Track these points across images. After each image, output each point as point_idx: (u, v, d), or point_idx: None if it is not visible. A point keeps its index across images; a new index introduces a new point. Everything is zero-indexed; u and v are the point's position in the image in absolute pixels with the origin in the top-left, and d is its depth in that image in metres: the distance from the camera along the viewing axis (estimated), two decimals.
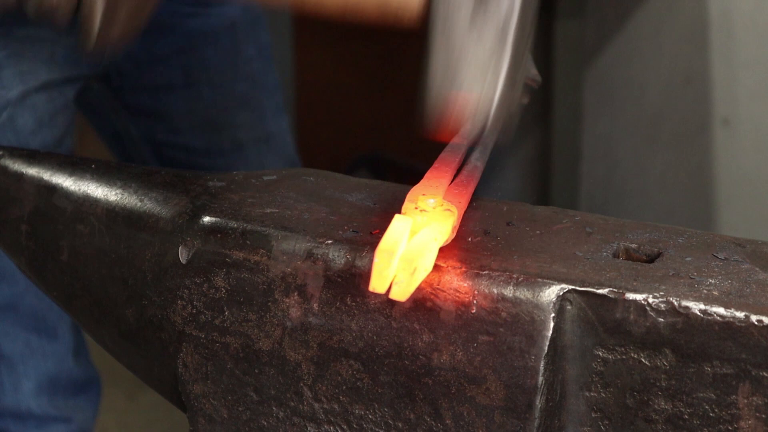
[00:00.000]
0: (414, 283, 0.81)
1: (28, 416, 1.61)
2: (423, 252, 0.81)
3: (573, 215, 0.96)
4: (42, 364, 1.60)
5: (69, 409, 1.65)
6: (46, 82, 1.41)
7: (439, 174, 0.93)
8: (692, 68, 2.69)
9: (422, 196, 0.88)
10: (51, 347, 1.61)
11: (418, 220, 0.85)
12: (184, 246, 0.95)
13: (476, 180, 0.96)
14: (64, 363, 1.63)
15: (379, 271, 0.80)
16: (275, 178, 1.04)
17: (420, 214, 0.86)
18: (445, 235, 0.85)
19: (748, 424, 0.80)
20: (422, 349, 0.85)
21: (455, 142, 1.00)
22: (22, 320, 1.57)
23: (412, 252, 0.81)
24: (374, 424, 0.87)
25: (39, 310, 1.57)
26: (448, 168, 0.95)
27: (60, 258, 1.04)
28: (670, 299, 0.81)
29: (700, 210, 2.77)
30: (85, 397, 1.68)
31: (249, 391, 0.92)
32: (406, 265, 0.80)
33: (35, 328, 1.58)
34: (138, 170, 1.07)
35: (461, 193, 0.92)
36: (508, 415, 0.83)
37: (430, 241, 0.82)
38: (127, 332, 1.00)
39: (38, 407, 1.61)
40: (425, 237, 0.83)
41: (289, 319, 0.89)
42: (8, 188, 1.08)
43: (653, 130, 2.83)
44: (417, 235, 0.83)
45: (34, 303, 1.55)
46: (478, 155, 0.99)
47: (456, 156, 0.97)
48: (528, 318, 0.83)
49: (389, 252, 0.80)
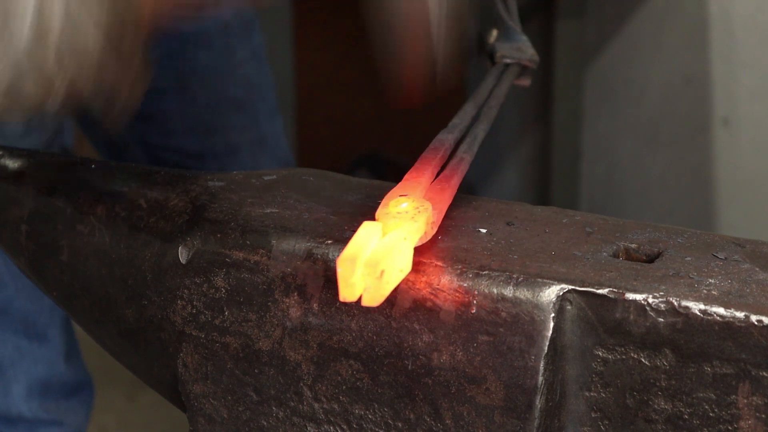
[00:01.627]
0: (386, 287, 0.80)
1: (18, 420, 1.61)
2: (390, 254, 0.80)
3: (573, 215, 0.96)
4: (32, 367, 1.60)
5: (60, 412, 1.65)
6: None
7: (417, 174, 0.91)
8: (692, 68, 2.69)
9: (395, 199, 0.87)
10: (41, 351, 1.61)
11: (389, 223, 0.83)
12: (184, 246, 0.95)
13: (462, 173, 0.94)
14: (55, 366, 1.63)
15: (344, 279, 0.78)
16: (275, 178, 1.04)
17: (394, 216, 0.85)
18: (418, 232, 0.84)
19: (748, 424, 0.80)
20: (422, 349, 0.85)
21: (440, 138, 0.98)
22: (12, 324, 1.57)
23: (377, 256, 0.79)
24: (374, 424, 0.88)
25: (29, 314, 1.57)
26: (429, 166, 0.93)
27: (60, 258, 1.04)
28: (670, 299, 0.81)
29: (700, 210, 2.77)
30: (77, 400, 1.68)
31: (249, 391, 0.92)
32: (369, 270, 0.78)
33: (25, 332, 1.58)
34: (138, 170, 1.07)
35: (443, 188, 0.91)
36: (508, 415, 0.83)
37: (398, 241, 0.81)
38: (127, 332, 1.00)
39: (29, 411, 1.61)
40: (393, 238, 0.81)
41: (289, 319, 0.89)
42: (8, 188, 1.08)
43: (653, 130, 2.83)
44: (384, 237, 0.82)
45: (24, 307, 1.55)
46: (466, 147, 0.98)
47: (439, 152, 0.95)
48: (528, 318, 0.83)
49: (351, 259, 0.78)
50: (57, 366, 1.63)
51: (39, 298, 1.60)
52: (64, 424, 1.66)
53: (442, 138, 0.98)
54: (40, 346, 1.60)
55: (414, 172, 0.92)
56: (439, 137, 0.98)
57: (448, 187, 0.92)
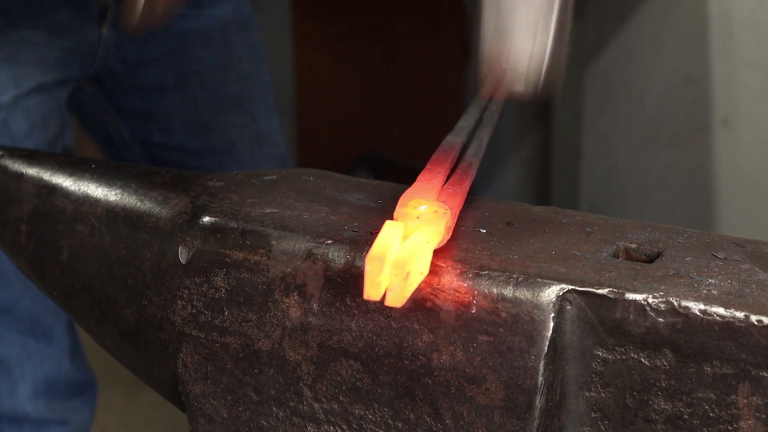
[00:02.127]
0: (409, 288, 0.80)
1: (24, 420, 1.61)
2: (415, 256, 0.81)
3: (573, 215, 0.96)
4: (38, 367, 1.60)
5: (65, 411, 1.65)
6: (38, 84, 1.41)
7: (431, 175, 0.93)
8: (692, 68, 2.69)
9: (414, 200, 0.87)
10: (47, 350, 1.61)
11: (410, 224, 0.84)
12: (183, 246, 0.95)
13: (471, 178, 0.95)
14: (61, 366, 1.63)
15: (371, 278, 0.79)
16: (275, 178, 1.04)
17: (412, 218, 0.85)
18: (438, 237, 0.85)
19: (747, 424, 0.80)
20: (422, 349, 0.85)
21: (449, 140, 1.00)
22: (18, 324, 1.57)
23: (404, 256, 0.80)
24: (374, 424, 0.87)
25: (35, 314, 1.57)
26: (441, 168, 0.94)
27: (60, 258, 1.04)
28: (669, 299, 0.81)
29: (700, 210, 2.77)
30: (81, 399, 1.68)
31: (249, 391, 0.92)
32: (397, 270, 0.79)
33: (31, 331, 1.58)
34: (138, 170, 1.07)
35: (456, 193, 0.92)
36: (508, 415, 0.83)
37: (422, 244, 0.82)
38: (127, 332, 1.00)
39: (35, 410, 1.61)
40: (417, 240, 0.82)
41: (289, 319, 0.89)
42: (8, 188, 1.08)
43: (653, 130, 2.83)
44: (408, 239, 0.82)
45: (30, 306, 1.55)
46: (473, 152, 0.99)
47: (449, 155, 0.97)
48: (528, 318, 0.83)
49: (379, 258, 0.79)
50: (62, 365, 1.63)
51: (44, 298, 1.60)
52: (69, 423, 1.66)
53: (450, 141, 0.99)
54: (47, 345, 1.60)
55: (427, 173, 0.93)
56: (448, 140, 0.99)
57: (461, 191, 0.93)
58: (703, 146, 2.73)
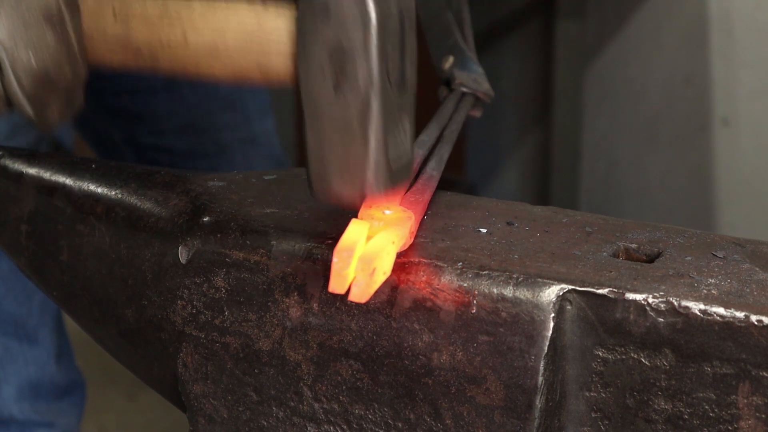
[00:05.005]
0: (373, 285, 0.80)
1: (9, 421, 1.61)
2: (381, 254, 0.81)
3: (573, 215, 0.96)
4: (23, 369, 1.60)
5: (52, 413, 1.65)
6: None
7: None
8: (692, 68, 2.69)
9: (377, 204, 0.87)
10: (32, 352, 1.60)
11: (375, 226, 0.85)
12: (184, 246, 0.95)
13: (432, 189, 0.96)
14: (46, 368, 1.62)
15: (338, 270, 0.79)
16: (275, 178, 1.04)
17: (380, 219, 0.85)
18: (402, 239, 0.85)
19: (748, 424, 0.80)
20: (422, 349, 0.85)
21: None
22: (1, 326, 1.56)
23: (371, 253, 0.80)
24: (374, 424, 0.88)
25: (18, 316, 1.57)
26: None
27: (60, 258, 1.04)
28: (670, 299, 0.81)
29: (700, 210, 2.77)
30: (68, 401, 1.67)
31: (249, 391, 0.92)
32: (364, 265, 0.80)
33: (14, 333, 1.58)
34: (138, 170, 1.07)
35: (417, 201, 0.93)
36: (508, 415, 0.83)
37: (387, 243, 0.82)
38: (127, 332, 1.00)
39: (20, 412, 1.61)
40: (383, 239, 0.82)
41: (289, 319, 0.89)
42: (8, 188, 1.08)
43: (653, 130, 2.83)
44: (375, 238, 0.83)
45: (13, 308, 1.55)
46: (435, 165, 1.00)
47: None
48: (528, 318, 0.83)
49: (348, 251, 0.79)
50: (48, 367, 1.63)
51: (28, 300, 1.60)
52: (55, 425, 1.65)
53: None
54: (31, 347, 1.60)
55: None
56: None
57: (422, 201, 0.93)
58: (703, 146, 2.73)
